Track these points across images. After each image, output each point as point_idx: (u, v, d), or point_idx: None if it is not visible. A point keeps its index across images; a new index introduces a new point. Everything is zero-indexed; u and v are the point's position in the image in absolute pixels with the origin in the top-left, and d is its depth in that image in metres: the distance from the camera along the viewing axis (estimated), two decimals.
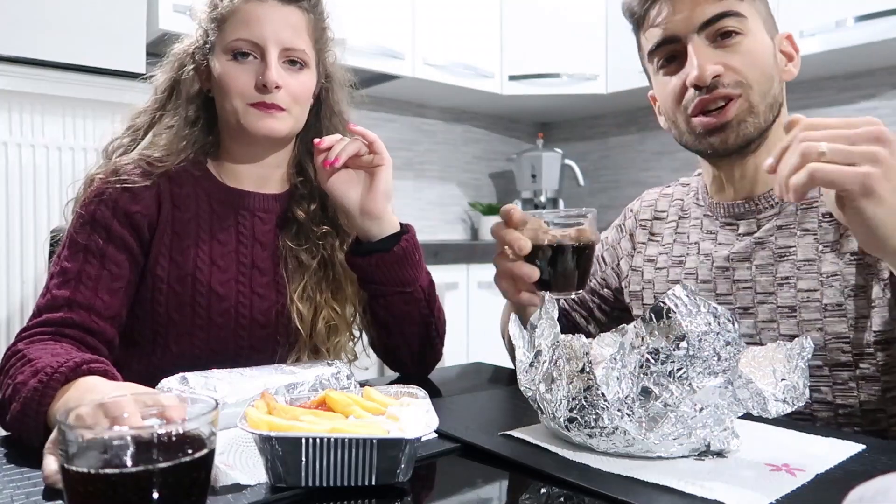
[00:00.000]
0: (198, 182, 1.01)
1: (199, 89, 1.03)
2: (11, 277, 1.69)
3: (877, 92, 2.46)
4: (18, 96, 1.68)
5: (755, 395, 0.60)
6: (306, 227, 1.04)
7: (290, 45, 0.97)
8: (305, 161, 1.08)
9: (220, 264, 0.99)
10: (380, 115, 2.99)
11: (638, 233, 1.12)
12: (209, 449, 0.45)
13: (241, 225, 1.02)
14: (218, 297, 0.98)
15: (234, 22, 0.96)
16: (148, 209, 0.96)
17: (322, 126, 1.08)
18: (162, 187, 0.98)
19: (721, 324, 0.60)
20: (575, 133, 3.50)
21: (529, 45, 2.89)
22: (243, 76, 0.96)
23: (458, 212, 3.32)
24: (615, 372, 0.63)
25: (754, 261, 0.93)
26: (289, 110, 0.98)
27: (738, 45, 0.89)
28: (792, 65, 0.95)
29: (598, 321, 1.17)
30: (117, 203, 0.95)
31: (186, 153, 1.00)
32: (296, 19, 0.98)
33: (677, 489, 0.57)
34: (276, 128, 0.98)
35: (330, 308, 1.03)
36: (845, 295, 0.86)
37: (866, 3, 2.11)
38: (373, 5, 2.50)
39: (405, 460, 0.58)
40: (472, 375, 1.13)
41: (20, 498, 0.57)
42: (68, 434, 0.42)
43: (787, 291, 0.90)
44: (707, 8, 0.89)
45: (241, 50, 0.96)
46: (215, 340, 0.98)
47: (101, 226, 0.94)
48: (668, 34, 0.92)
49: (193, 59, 1.01)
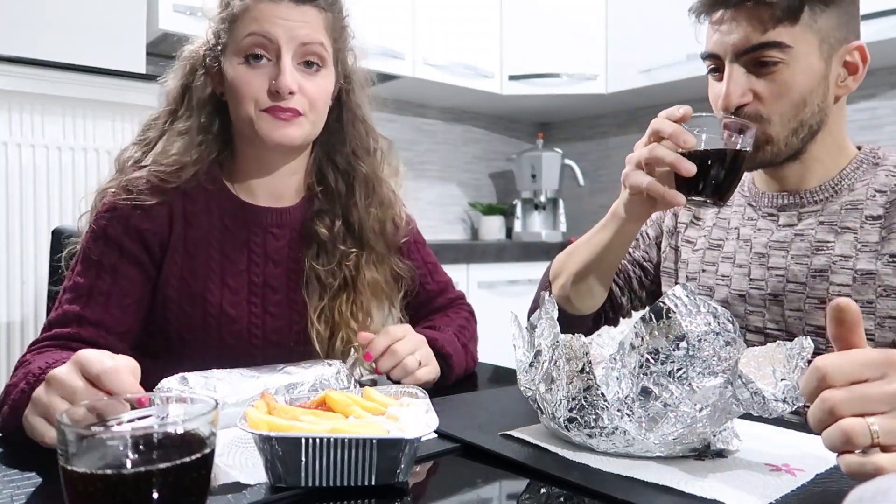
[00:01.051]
0: (211, 197, 0.98)
1: (212, 93, 0.98)
2: (11, 277, 1.69)
3: (877, 92, 2.46)
4: (18, 96, 1.68)
5: (755, 395, 0.60)
6: (329, 246, 1.00)
7: (306, 40, 0.92)
8: (326, 168, 1.03)
9: (231, 285, 0.96)
10: (380, 115, 2.98)
11: (682, 213, 1.14)
12: (209, 449, 0.45)
13: (253, 242, 0.98)
14: (229, 319, 0.96)
15: (246, 20, 0.92)
16: (159, 227, 0.94)
17: (345, 132, 1.03)
18: (174, 204, 0.95)
19: (721, 324, 0.60)
20: (575, 133, 3.50)
21: (529, 45, 2.89)
22: (256, 80, 0.91)
23: (458, 212, 3.32)
24: (615, 372, 0.63)
25: (790, 250, 0.95)
26: (305, 115, 0.93)
27: (774, 74, 0.89)
28: (852, 78, 0.94)
29: (634, 293, 1.18)
30: (129, 220, 0.92)
31: (199, 165, 0.96)
32: (311, 16, 0.94)
33: (677, 489, 0.57)
34: (290, 135, 0.93)
35: (348, 328, 0.99)
36: (877, 294, 0.87)
37: (866, 3, 2.10)
38: (373, 5, 2.50)
39: (405, 460, 0.58)
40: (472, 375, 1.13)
41: (20, 498, 0.57)
42: (68, 434, 0.42)
43: (819, 283, 0.91)
44: (751, 36, 0.89)
45: (254, 51, 0.91)
46: (228, 359, 0.93)
47: (114, 241, 0.92)
48: (712, 50, 0.93)
49: (205, 63, 0.97)
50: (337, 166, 1.03)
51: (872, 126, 2.47)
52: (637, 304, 1.19)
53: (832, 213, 0.94)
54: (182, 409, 0.50)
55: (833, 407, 0.50)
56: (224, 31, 0.94)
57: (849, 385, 0.51)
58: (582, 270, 1.03)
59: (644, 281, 1.18)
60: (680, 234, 1.12)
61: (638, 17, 2.69)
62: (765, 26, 0.88)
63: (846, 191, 0.94)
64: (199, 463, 0.44)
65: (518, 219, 3.21)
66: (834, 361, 0.52)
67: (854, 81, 0.94)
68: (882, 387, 0.51)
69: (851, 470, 0.50)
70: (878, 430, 0.49)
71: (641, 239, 1.18)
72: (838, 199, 0.94)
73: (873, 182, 0.93)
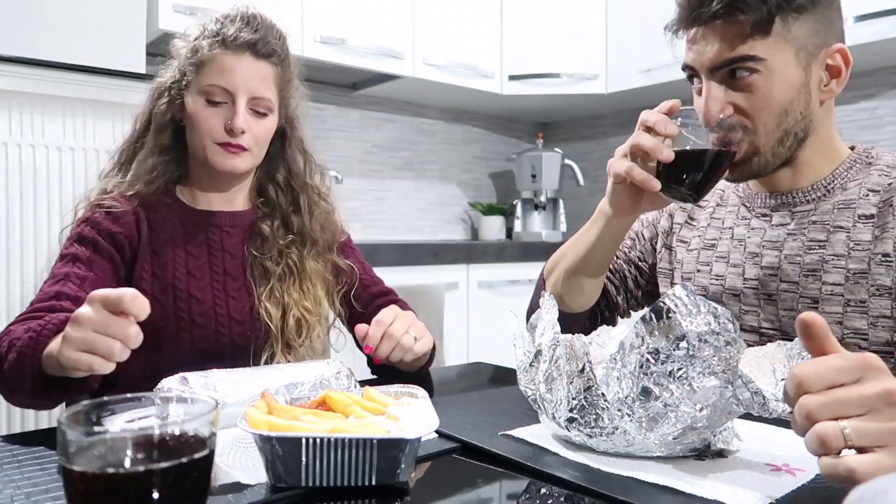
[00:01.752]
0: (170, 208, 1.13)
1: (171, 118, 1.13)
2: (11, 277, 1.69)
3: (877, 92, 2.46)
4: (18, 96, 1.68)
5: (755, 395, 0.60)
6: (270, 240, 1.17)
7: (257, 95, 1.09)
8: (267, 185, 1.21)
9: (196, 273, 1.11)
10: (380, 115, 2.99)
11: (677, 214, 1.14)
12: (209, 449, 0.45)
13: (211, 239, 1.14)
14: (196, 301, 1.10)
15: (210, 69, 1.08)
16: (129, 231, 1.08)
17: (287, 159, 1.22)
18: (140, 214, 1.10)
19: (721, 324, 0.60)
20: (575, 133, 3.50)
21: (529, 45, 2.89)
22: (213, 118, 1.08)
23: (458, 212, 3.32)
24: (615, 372, 0.63)
25: (784, 250, 0.95)
26: (250, 150, 1.11)
27: (751, 85, 0.89)
28: (836, 82, 0.92)
29: (630, 293, 1.19)
30: (101, 224, 1.07)
31: (157, 183, 1.12)
32: (265, 72, 1.11)
33: (677, 489, 0.57)
34: (238, 166, 1.11)
35: (301, 308, 1.14)
36: (870, 293, 0.87)
37: (866, 3, 2.11)
38: (373, 5, 2.50)
39: (405, 460, 0.58)
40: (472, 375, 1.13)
41: (20, 498, 0.57)
42: (68, 434, 0.42)
43: (812, 283, 0.91)
44: (722, 52, 0.88)
45: (214, 98, 1.08)
46: (200, 339, 1.08)
47: (89, 240, 1.06)
48: (689, 64, 0.94)
49: (169, 93, 1.12)
50: (279, 184, 1.22)
51: (872, 126, 2.47)
52: (633, 304, 1.19)
53: (825, 213, 0.93)
54: (182, 409, 0.50)
55: (809, 412, 0.52)
56: (191, 72, 1.10)
57: (825, 390, 0.53)
58: (572, 268, 1.05)
59: (640, 281, 1.18)
60: (675, 234, 1.13)
61: (638, 17, 2.69)
62: (736, 41, 0.87)
63: (839, 190, 0.94)
64: (199, 463, 0.44)
65: (518, 219, 3.21)
66: (809, 368, 0.53)
67: (838, 85, 0.92)
68: (856, 390, 0.52)
69: (826, 472, 0.52)
70: (851, 432, 0.51)
71: (637, 240, 1.19)
72: (831, 199, 0.94)
73: (866, 181, 0.92)
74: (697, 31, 0.91)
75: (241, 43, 1.08)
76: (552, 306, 0.71)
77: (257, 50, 1.09)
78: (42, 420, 1.72)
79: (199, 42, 1.09)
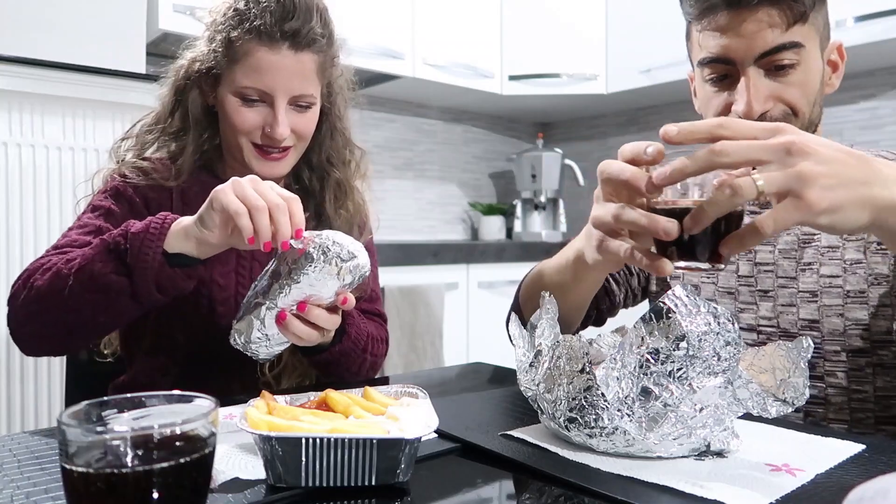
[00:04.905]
0: (204, 186, 1.02)
1: (205, 105, 1.06)
2: (11, 277, 1.69)
3: (877, 92, 2.46)
4: (18, 96, 1.68)
5: (755, 395, 0.60)
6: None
7: (299, 93, 0.99)
8: (302, 170, 1.13)
9: (221, 258, 1.01)
10: (380, 115, 2.99)
11: None
12: (209, 449, 0.45)
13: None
14: (219, 287, 1.04)
15: (245, 67, 0.97)
16: (163, 200, 1.03)
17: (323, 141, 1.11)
18: (173, 188, 1.05)
19: (721, 324, 0.60)
20: (575, 133, 3.50)
21: (529, 45, 2.89)
22: (251, 118, 0.99)
23: (458, 212, 3.32)
24: (615, 372, 0.63)
25: (777, 245, 0.95)
26: (294, 147, 1.03)
27: (792, 75, 0.86)
28: (835, 76, 0.92)
29: (630, 289, 1.16)
30: (138, 187, 1.02)
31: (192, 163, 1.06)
32: (307, 65, 0.99)
33: (677, 489, 0.57)
34: (281, 171, 1.04)
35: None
36: (868, 282, 0.87)
37: (866, 3, 2.11)
38: (373, 5, 2.50)
39: (405, 460, 0.58)
40: (472, 375, 1.13)
41: (20, 498, 0.57)
42: (68, 434, 0.42)
43: (809, 276, 0.92)
44: (768, 37, 0.83)
45: (250, 96, 0.98)
46: (216, 327, 1.02)
47: (125, 198, 1.01)
48: (724, 55, 0.87)
49: (199, 77, 1.03)
50: (312, 167, 1.13)
51: (872, 126, 2.47)
52: (629, 300, 1.18)
53: None
54: (182, 409, 0.50)
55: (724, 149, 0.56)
56: (223, 63, 0.99)
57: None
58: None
59: (640, 276, 1.18)
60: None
61: (638, 17, 2.69)
62: (784, 26, 0.83)
63: None
64: (199, 463, 0.44)
65: (518, 219, 3.21)
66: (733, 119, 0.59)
67: (837, 79, 0.93)
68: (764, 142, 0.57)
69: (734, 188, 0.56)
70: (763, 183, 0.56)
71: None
72: None
73: None
74: (736, 17, 0.84)
75: (278, 34, 0.95)
76: (552, 306, 0.71)
77: (298, 42, 0.96)
78: (42, 420, 1.72)
79: (228, 30, 0.97)
